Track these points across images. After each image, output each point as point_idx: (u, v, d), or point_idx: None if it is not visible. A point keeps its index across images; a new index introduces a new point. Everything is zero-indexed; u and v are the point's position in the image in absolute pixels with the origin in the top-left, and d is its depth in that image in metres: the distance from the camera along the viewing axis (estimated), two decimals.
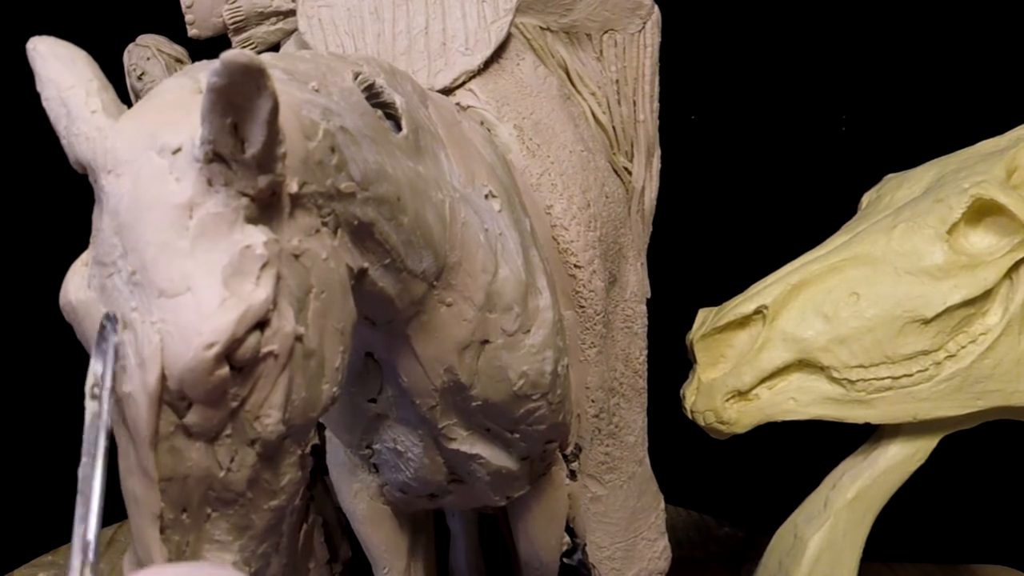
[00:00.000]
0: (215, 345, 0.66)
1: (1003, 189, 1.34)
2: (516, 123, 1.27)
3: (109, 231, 0.71)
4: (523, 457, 1.17)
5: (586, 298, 1.29)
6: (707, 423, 1.42)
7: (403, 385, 1.03)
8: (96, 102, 0.74)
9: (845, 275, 1.37)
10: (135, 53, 1.46)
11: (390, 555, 1.28)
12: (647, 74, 1.46)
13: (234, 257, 0.69)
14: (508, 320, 1.04)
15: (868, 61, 2.09)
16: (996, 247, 1.34)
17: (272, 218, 0.73)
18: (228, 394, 0.70)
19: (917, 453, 1.44)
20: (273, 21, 1.36)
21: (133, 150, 0.71)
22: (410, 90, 1.03)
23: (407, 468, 1.14)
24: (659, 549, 1.50)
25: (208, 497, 0.73)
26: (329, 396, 0.80)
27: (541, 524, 1.31)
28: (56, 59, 0.76)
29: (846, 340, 1.34)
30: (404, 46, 1.27)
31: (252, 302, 0.68)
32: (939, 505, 2.01)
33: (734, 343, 1.42)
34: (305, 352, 0.75)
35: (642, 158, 1.49)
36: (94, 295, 0.72)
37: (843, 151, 2.13)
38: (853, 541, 1.46)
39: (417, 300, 0.96)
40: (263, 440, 0.73)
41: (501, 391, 1.07)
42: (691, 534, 2.11)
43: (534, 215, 1.22)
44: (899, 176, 1.50)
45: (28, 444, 2.17)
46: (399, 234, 0.89)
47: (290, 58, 0.88)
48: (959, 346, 1.35)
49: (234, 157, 0.69)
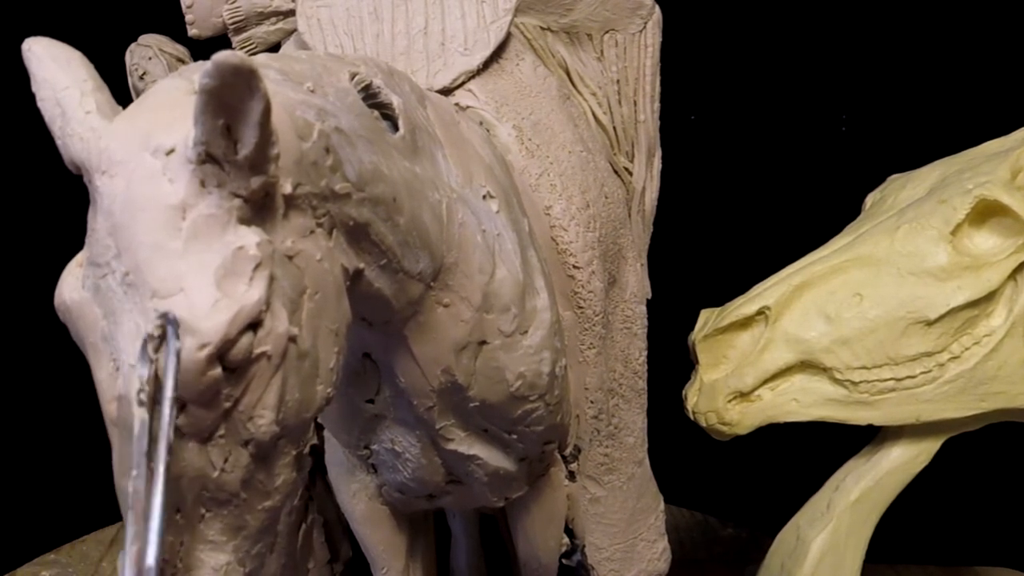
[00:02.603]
0: (208, 346, 0.66)
1: (1007, 190, 1.33)
2: (515, 123, 1.27)
3: (103, 232, 0.71)
4: (521, 458, 1.17)
5: (585, 299, 1.28)
6: (709, 424, 1.41)
7: (401, 386, 1.03)
8: (91, 103, 0.74)
9: (848, 276, 1.36)
10: (137, 53, 1.46)
11: (388, 555, 1.28)
12: (648, 74, 1.45)
13: (227, 258, 0.69)
14: (505, 321, 1.04)
15: (868, 61, 2.08)
16: (1000, 248, 1.33)
17: (265, 219, 0.73)
18: (221, 395, 0.70)
19: (920, 455, 1.43)
20: (273, 21, 1.36)
21: (127, 151, 0.71)
22: (408, 90, 1.03)
23: (405, 469, 1.14)
24: (659, 550, 1.49)
25: (202, 497, 0.73)
26: (323, 397, 0.80)
27: (540, 525, 1.31)
28: (51, 60, 0.76)
29: (849, 341, 1.34)
30: (403, 46, 1.27)
31: (245, 303, 0.68)
32: (943, 507, 2.00)
33: (736, 344, 1.42)
34: (299, 353, 0.75)
35: (643, 158, 1.49)
36: (88, 296, 0.72)
37: (844, 151, 2.12)
38: (856, 543, 1.45)
39: (414, 301, 0.95)
40: (257, 441, 0.73)
41: (498, 392, 1.07)
42: (695, 535, 2.11)
43: (533, 216, 1.22)
44: (903, 176, 1.50)
45: (30, 443, 2.18)
46: (395, 235, 0.89)
47: (286, 59, 0.88)
48: (963, 348, 1.35)
49: (227, 158, 0.69)
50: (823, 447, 1.53)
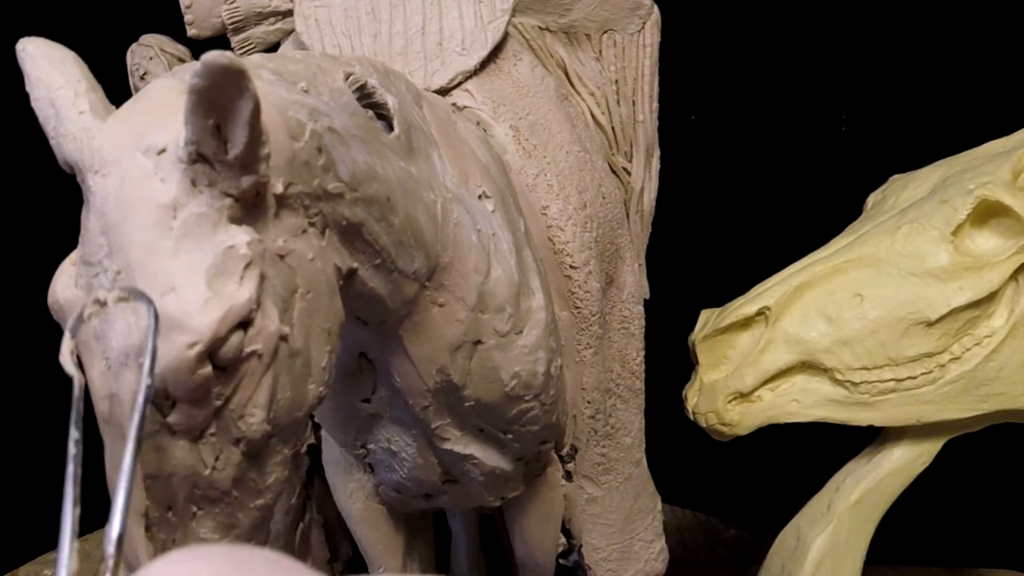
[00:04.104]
0: (197, 344, 0.67)
1: (1009, 190, 1.32)
2: (512, 123, 1.27)
3: (96, 231, 0.71)
4: (517, 458, 1.17)
5: (582, 299, 1.28)
6: (709, 424, 1.41)
7: (396, 385, 1.03)
8: (84, 103, 0.75)
9: (849, 276, 1.36)
10: (138, 53, 1.46)
11: (386, 554, 1.28)
12: (646, 74, 1.45)
13: (217, 257, 0.69)
14: (500, 320, 1.04)
15: (868, 61, 2.07)
16: (1002, 249, 1.33)
17: (257, 218, 0.73)
18: (212, 393, 0.70)
19: (921, 456, 1.43)
20: (272, 21, 1.36)
21: (119, 150, 0.71)
22: (404, 90, 1.03)
23: (401, 468, 1.14)
24: (656, 551, 1.49)
25: (193, 495, 0.73)
26: (315, 395, 0.80)
27: (537, 524, 1.31)
28: (46, 60, 0.77)
29: (849, 342, 1.34)
30: (401, 46, 1.27)
31: (235, 302, 0.69)
32: (945, 508, 1.99)
33: (736, 344, 1.42)
34: (290, 352, 0.75)
35: (641, 158, 1.48)
36: (81, 294, 0.73)
37: (844, 151, 2.11)
38: (856, 544, 1.45)
39: (409, 300, 0.95)
40: (248, 439, 0.73)
41: (494, 391, 1.07)
42: (698, 536, 2.11)
43: (529, 216, 1.22)
44: (905, 177, 1.49)
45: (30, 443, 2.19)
46: (389, 234, 0.89)
47: (281, 59, 0.89)
48: (964, 348, 1.34)
49: (217, 158, 0.69)
50: (829, 448, 1.52)
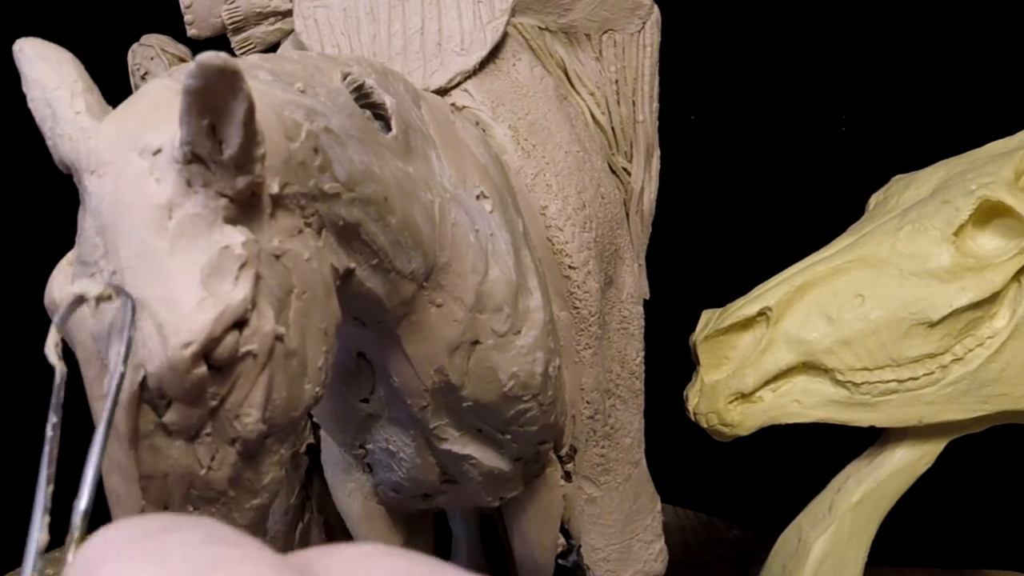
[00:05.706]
0: (192, 344, 0.67)
1: (1011, 191, 1.32)
2: (511, 124, 1.27)
3: (91, 231, 0.71)
4: (516, 458, 1.17)
5: (581, 299, 1.28)
6: (710, 425, 1.41)
7: (394, 385, 1.03)
8: (80, 103, 0.75)
9: (850, 277, 1.36)
10: (139, 53, 1.46)
11: None
12: (646, 74, 1.45)
13: (212, 257, 0.69)
14: (498, 321, 1.04)
15: (868, 61, 2.06)
16: (1004, 249, 1.33)
17: (252, 219, 0.73)
18: (207, 393, 0.70)
19: (923, 457, 1.43)
20: (272, 21, 1.36)
21: (115, 151, 0.71)
22: (402, 90, 1.03)
23: (400, 468, 1.14)
24: (655, 551, 1.49)
25: (189, 495, 0.73)
26: (312, 396, 0.80)
27: (536, 525, 1.31)
28: (42, 60, 0.77)
29: (851, 342, 1.34)
30: (400, 47, 1.27)
31: (230, 302, 0.69)
32: (947, 509, 1.99)
33: (737, 345, 1.42)
34: (286, 352, 0.75)
35: (641, 158, 1.48)
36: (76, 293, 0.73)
37: (844, 151, 2.11)
38: (858, 545, 1.45)
39: (406, 301, 0.96)
40: (243, 439, 0.74)
41: (491, 392, 1.07)
42: (699, 536, 2.10)
43: (528, 216, 1.22)
44: (907, 177, 1.49)
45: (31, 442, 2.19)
46: (387, 235, 0.89)
47: (278, 59, 0.89)
48: (966, 349, 1.34)
49: (212, 158, 0.69)
50: (831, 449, 1.52)
